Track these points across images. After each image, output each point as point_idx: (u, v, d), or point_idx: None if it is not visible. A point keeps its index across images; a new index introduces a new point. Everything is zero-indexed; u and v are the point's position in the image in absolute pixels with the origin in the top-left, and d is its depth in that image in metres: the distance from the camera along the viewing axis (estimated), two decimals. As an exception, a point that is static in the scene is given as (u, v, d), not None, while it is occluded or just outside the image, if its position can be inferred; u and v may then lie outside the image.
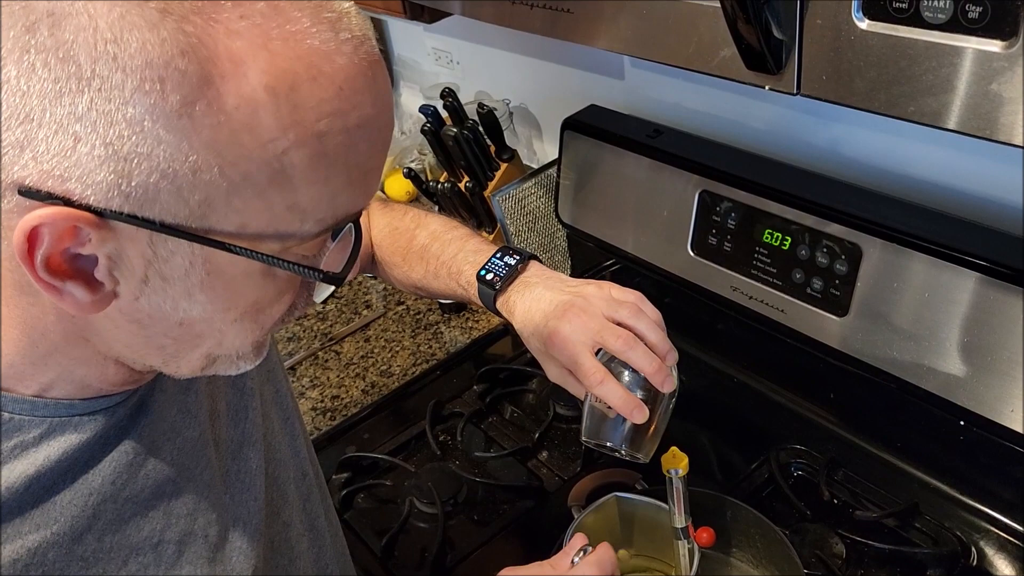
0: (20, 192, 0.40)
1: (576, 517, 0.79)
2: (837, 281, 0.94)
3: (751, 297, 1.03)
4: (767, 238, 1.00)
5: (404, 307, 1.41)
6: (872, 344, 0.92)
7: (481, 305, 0.78)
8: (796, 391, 1.05)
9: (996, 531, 0.88)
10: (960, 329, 0.84)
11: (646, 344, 0.68)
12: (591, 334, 0.69)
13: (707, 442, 1.05)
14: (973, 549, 0.87)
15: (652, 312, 0.71)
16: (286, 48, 0.40)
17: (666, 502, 0.75)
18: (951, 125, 0.51)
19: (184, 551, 0.57)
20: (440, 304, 1.37)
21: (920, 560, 0.86)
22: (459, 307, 1.37)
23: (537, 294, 0.74)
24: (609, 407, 0.68)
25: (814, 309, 0.97)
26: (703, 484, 0.93)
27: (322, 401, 1.24)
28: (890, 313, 0.90)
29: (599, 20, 0.73)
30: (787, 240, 0.98)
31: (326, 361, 1.32)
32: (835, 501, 0.95)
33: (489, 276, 0.76)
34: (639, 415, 0.67)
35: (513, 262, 0.77)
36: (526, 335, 0.75)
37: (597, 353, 0.70)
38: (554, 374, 0.73)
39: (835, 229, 0.93)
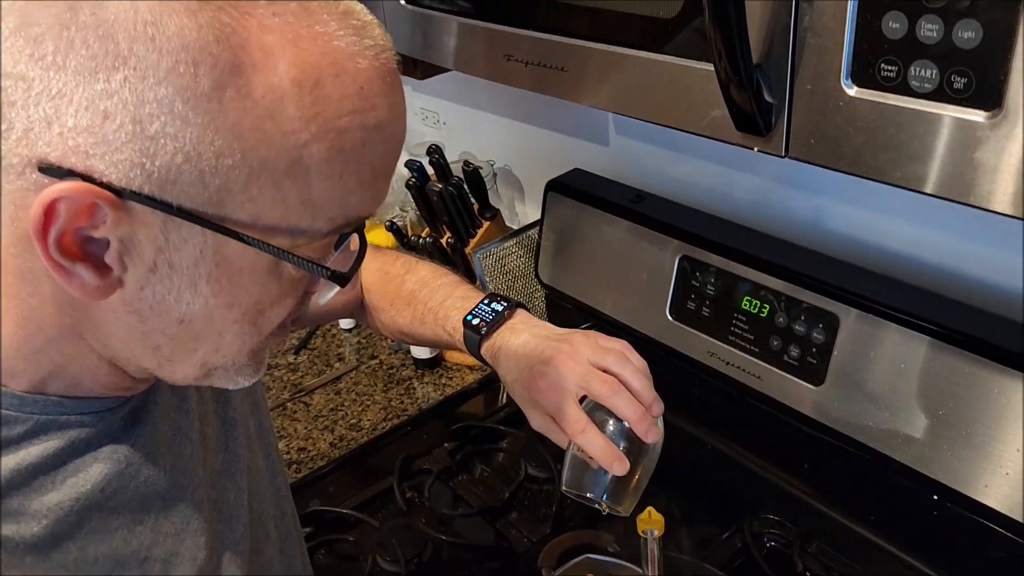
0: (41, 168, 0.40)
1: (546, 578, 0.77)
2: (814, 349, 0.94)
3: (728, 363, 1.03)
4: (745, 305, 1.01)
5: (377, 361, 1.39)
6: (847, 413, 0.92)
7: (466, 351, 0.78)
8: (771, 460, 1.04)
9: (969, 610, 0.87)
10: (935, 401, 0.85)
11: (631, 392, 0.68)
12: (576, 379, 0.68)
13: (680, 509, 1.04)
14: (946, 627, 0.86)
15: (638, 361, 0.71)
16: (314, 46, 0.42)
17: (639, 565, 0.73)
18: (933, 190, 0.52)
19: (171, 571, 0.56)
20: (414, 359, 1.36)
21: (893, 637, 0.85)
22: (433, 363, 1.35)
23: (523, 340, 0.74)
24: (591, 457, 0.67)
25: (790, 377, 0.97)
26: (675, 551, 0.92)
27: (288, 453, 1.21)
28: (866, 383, 0.90)
29: (591, 78, 0.74)
30: (765, 308, 0.99)
31: (294, 412, 1.29)
32: (807, 574, 0.94)
33: (475, 321, 0.76)
34: (620, 467, 0.66)
35: (500, 308, 0.76)
36: (510, 381, 0.74)
37: (582, 402, 0.69)
38: (537, 422, 0.72)
39: (812, 298, 0.94)
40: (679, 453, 1.14)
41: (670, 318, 1.09)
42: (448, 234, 1.28)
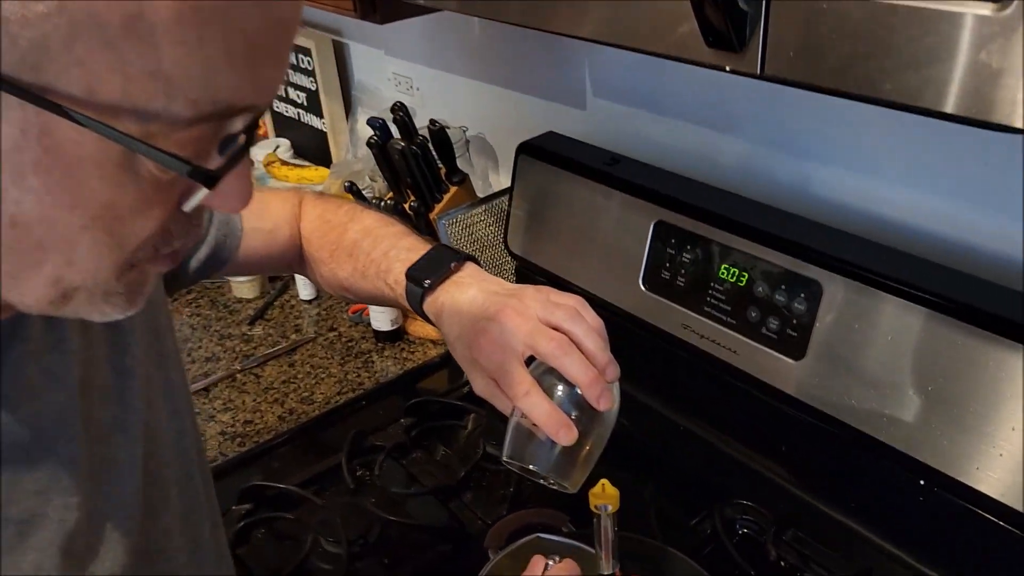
0: None
1: (492, 558, 0.70)
2: (795, 321, 0.87)
3: (703, 336, 0.96)
4: (723, 274, 0.93)
5: (336, 333, 1.31)
6: (829, 390, 0.85)
7: (408, 307, 0.70)
8: (745, 441, 0.97)
9: (956, 605, 0.80)
10: (925, 377, 0.77)
11: (583, 353, 0.60)
12: (522, 337, 0.61)
13: (646, 491, 0.96)
14: (930, 624, 0.79)
15: (593, 318, 0.63)
16: None
17: (594, 546, 0.66)
18: (932, 103, 0.45)
19: (30, 534, 0.48)
20: (375, 332, 1.28)
21: (872, 632, 0.78)
22: (394, 336, 1.27)
23: (469, 296, 0.66)
24: (535, 425, 0.59)
25: (769, 351, 0.89)
26: (639, 534, 0.84)
27: (233, 426, 1.13)
28: (849, 357, 0.83)
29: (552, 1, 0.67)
30: (743, 276, 0.91)
31: (244, 384, 1.21)
32: (782, 563, 0.86)
33: (419, 273, 0.68)
34: (566, 436, 0.58)
35: (448, 260, 0.69)
36: (452, 339, 0.66)
37: (530, 365, 0.62)
38: (479, 386, 0.65)
39: (794, 264, 0.87)
40: (647, 433, 1.07)
41: (643, 288, 1.02)
42: (412, 198, 1.21)
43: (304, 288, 1.41)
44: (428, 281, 0.67)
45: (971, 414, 0.74)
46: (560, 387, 0.60)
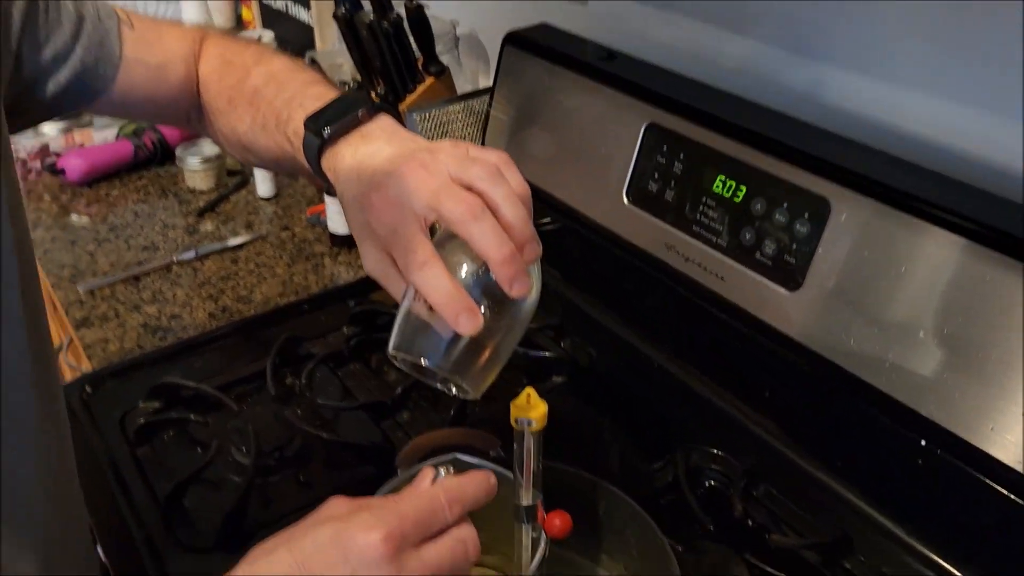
0: None
1: (398, 475, 0.58)
2: (795, 245, 0.74)
3: (688, 259, 0.83)
4: (717, 187, 0.80)
5: (289, 233, 1.19)
6: (825, 328, 0.72)
7: (307, 168, 0.57)
8: (723, 382, 0.85)
9: (945, 586, 0.68)
10: (941, 315, 0.65)
11: (500, 223, 0.48)
12: (426, 196, 0.48)
13: (604, 428, 0.85)
14: (914, 605, 0.67)
15: (518, 182, 0.50)
16: None
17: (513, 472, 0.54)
18: None
19: None
20: (331, 235, 1.16)
21: (845, 608, 0.66)
22: (351, 241, 1.15)
23: (374, 149, 0.54)
24: (431, 308, 0.47)
25: (761, 279, 0.77)
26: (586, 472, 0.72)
27: (158, 319, 1.02)
28: (853, 290, 0.70)
29: None
30: (741, 190, 0.78)
31: (178, 277, 1.09)
32: (749, 521, 0.75)
33: (319, 121, 0.55)
34: (468, 322, 0.46)
35: (355, 107, 0.56)
36: (347, 200, 0.54)
37: (434, 237, 0.49)
38: (371, 261, 0.52)
39: (801, 177, 0.74)
40: (612, 363, 0.95)
41: (626, 201, 0.89)
42: (381, 85, 1.07)
43: (263, 184, 1.28)
44: (328, 129, 0.55)
45: (993, 363, 0.62)
46: (466, 265, 0.48)
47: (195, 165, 1.28)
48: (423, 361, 0.48)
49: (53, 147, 1.38)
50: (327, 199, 1.13)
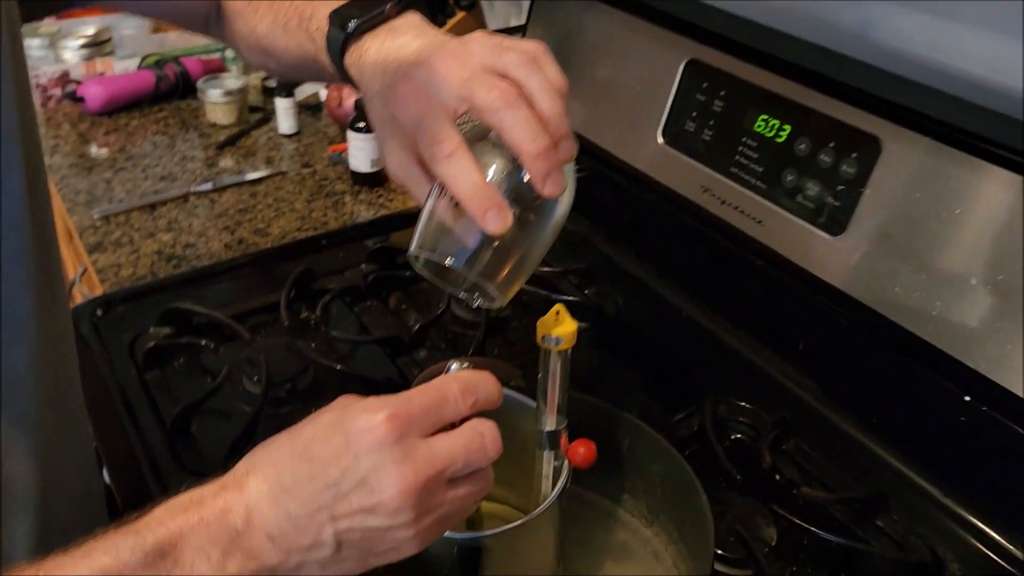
0: None
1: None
2: (840, 187, 0.70)
3: (724, 202, 0.79)
4: (759, 126, 0.76)
5: (310, 170, 1.16)
6: (869, 275, 0.68)
7: (331, 67, 0.54)
8: (754, 333, 0.81)
9: (984, 550, 0.64)
10: (995, 262, 0.61)
11: (535, 112, 0.44)
12: (456, 85, 0.45)
13: (627, 376, 0.82)
14: (949, 567, 0.64)
15: (555, 72, 0.47)
16: None
17: (536, 398, 0.51)
18: None
19: None
20: (352, 173, 1.12)
21: (875, 565, 0.63)
22: (374, 180, 1.12)
23: (401, 42, 0.50)
24: (458, 203, 0.43)
25: (802, 223, 0.73)
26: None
27: (172, 247, 0.99)
28: (901, 235, 0.66)
29: None
30: (785, 129, 0.74)
31: (195, 207, 1.07)
32: (777, 476, 0.71)
33: (344, 15, 0.52)
34: (496, 218, 0.42)
35: (383, 3, 0.52)
36: (371, 95, 0.51)
37: (464, 130, 0.46)
38: (394, 161, 0.49)
39: (851, 116, 0.69)
40: (640, 310, 0.91)
41: (661, 142, 0.85)
42: (410, 16, 1.03)
43: (285, 121, 1.25)
44: (353, 23, 0.51)
45: (1051, 313, 0.58)
46: (496, 164, 0.44)
47: (217, 98, 1.25)
48: (448, 261, 0.44)
49: (73, 74, 1.36)
50: (349, 136, 1.09)
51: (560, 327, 0.46)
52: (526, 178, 0.44)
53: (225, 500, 0.40)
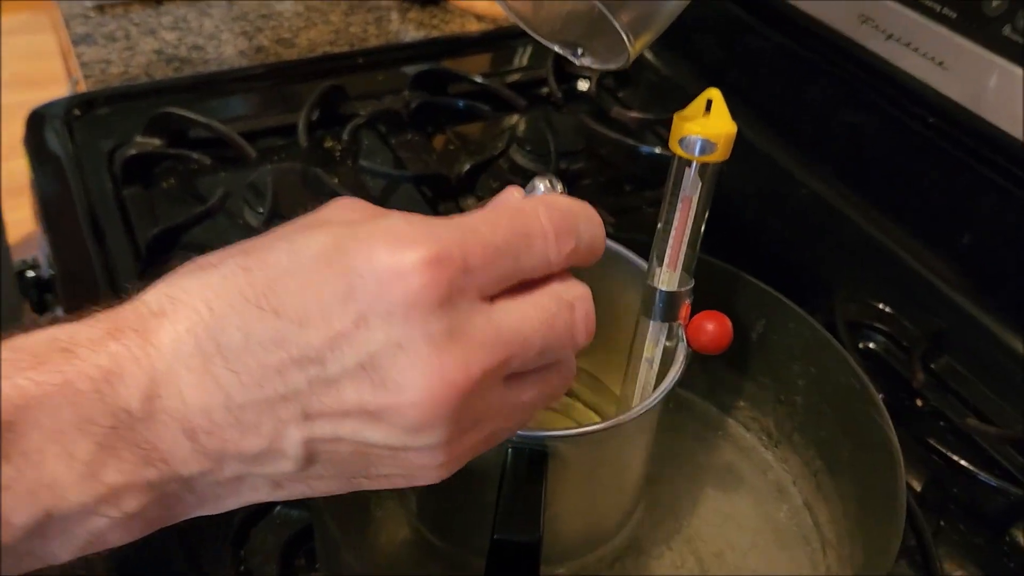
0: None
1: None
2: (1076, 17, 0.50)
3: (890, 36, 0.59)
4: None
5: (353, -17, 0.96)
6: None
7: None
8: (905, 221, 0.62)
9: None
10: None
11: None
12: None
13: (733, 265, 0.64)
14: None
15: None
16: None
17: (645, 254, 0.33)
18: None
19: None
20: (404, -12, 0.93)
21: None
22: (427, -2, 0.92)
23: None
24: None
25: (1004, 63, 0.53)
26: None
27: (176, 47, 0.81)
28: None
29: None
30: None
31: (208, 6, 0.88)
32: (919, 402, 0.54)
33: None
34: None
35: None
36: None
37: None
38: None
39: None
40: (751, 189, 0.71)
41: (810, -44, 0.65)
42: None
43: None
44: None
45: None
46: None
47: None
48: None
49: None
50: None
51: (711, 124, 0.28)
52: None
53: (114, 354, 0.23)
